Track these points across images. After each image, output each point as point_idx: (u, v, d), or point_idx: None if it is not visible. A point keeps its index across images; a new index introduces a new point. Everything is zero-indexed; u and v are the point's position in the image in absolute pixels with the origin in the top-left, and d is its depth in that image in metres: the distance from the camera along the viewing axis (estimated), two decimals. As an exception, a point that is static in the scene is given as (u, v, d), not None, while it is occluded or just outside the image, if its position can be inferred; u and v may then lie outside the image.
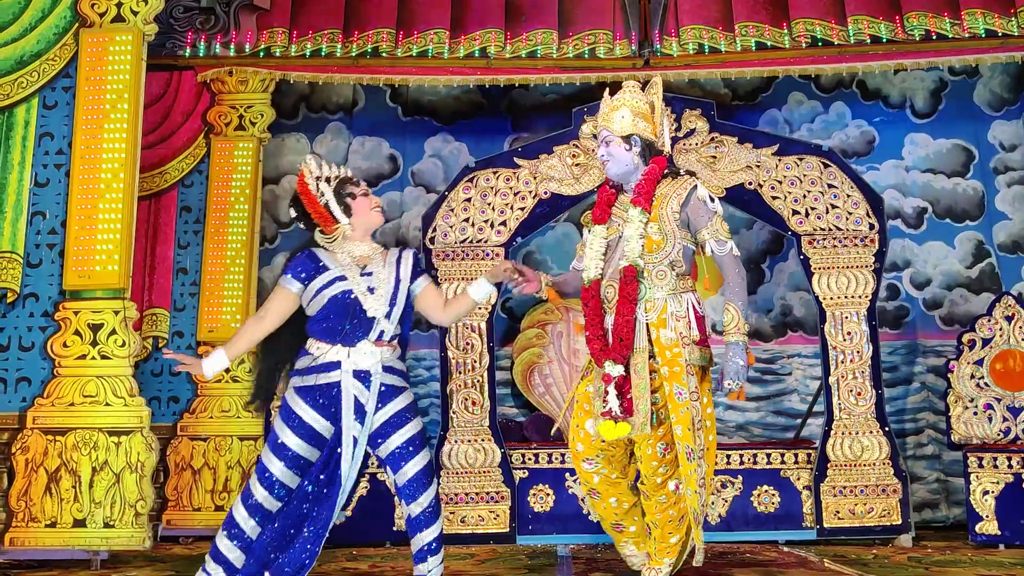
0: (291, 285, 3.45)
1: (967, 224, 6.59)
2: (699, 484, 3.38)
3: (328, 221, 3.50)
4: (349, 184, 3.56)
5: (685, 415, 3.39)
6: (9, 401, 4.76)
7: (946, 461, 6.19)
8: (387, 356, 3.43)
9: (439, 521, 3.43)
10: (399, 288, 3.48)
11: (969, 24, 5.70)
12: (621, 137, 3.62)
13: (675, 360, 3.44)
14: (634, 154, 3.63)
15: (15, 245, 4.91)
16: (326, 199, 3.50)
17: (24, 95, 5.04)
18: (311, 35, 5.98)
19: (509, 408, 6.47)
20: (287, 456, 3.34)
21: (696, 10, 5.97)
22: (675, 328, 3.47)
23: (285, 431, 3.36)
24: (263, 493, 3.33)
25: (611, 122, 3.65)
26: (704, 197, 3.58)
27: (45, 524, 4.59)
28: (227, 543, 3.33)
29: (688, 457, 3.37)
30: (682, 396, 3.41)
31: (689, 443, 3.38)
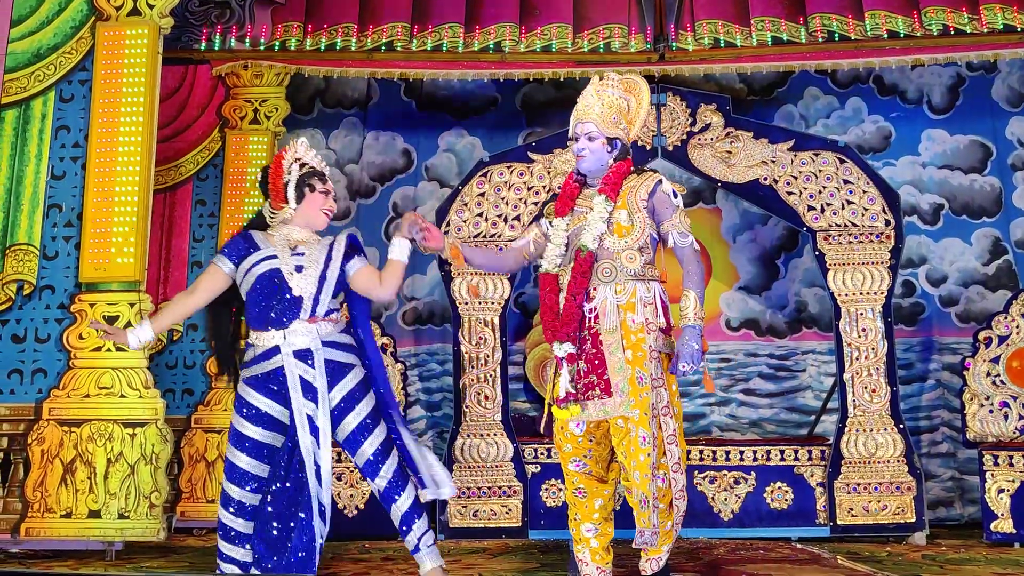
0: (222, 264, 3.52)
1: (984, 221, 6.54)
2: (651, 468, 3.38)
3: (279, 197, 3.54)
4: (315, 178, 3.58)
5: (643, 400, 3.41)
6: (25, 392, 4.79)
7: (961, 459, 6.15)
8: (326, 331, 3.45)
9: (408, 488, 3.46)
10: (329, 267, 3.49)
11: (987, 19, 5.65)
12: (607, 138, 3.64)
13: (639, 345, 3.47)
14: (612, 156, 3.67)
15: (31, 237, 4.94)
16: (288, 178, 3.54)
17: (41, 88, 5.06)
18: (326, 29, 5.98)
19: (522, 403, 6.47)
20: (247, 447, 3.39)
21: (712, 4, 5.94)
22: (643, 313, 3.49)
23: (241, 422, 3.41)
24: (237, 490, 3.40)
25: (602, 120, 3.65)
26: (668, 191, 3.63)
27: (60, 515, 4.62)
28: (227, 545, 3.42)
29: (642, 442, 3.39)
30: (642, 381, 3.43)
31: (644, 427, 3.40)
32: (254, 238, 3.54)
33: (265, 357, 3.41)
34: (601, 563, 3.60)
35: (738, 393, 6.48)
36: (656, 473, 3.42)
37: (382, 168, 6.84)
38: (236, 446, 3.40)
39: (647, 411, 3.41)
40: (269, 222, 3.58)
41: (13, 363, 4.83)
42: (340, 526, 5.37)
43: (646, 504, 3.39)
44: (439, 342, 6.50)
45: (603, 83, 3.69)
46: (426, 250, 3.66)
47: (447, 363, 6.23)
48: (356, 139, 6.87)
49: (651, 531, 3.40)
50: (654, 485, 3.40)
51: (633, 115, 3.73)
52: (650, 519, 3.39)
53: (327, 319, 3.46)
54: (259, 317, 3.44)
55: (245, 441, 3.40)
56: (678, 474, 3.49)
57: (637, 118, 3.74)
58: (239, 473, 3.39)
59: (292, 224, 3.55)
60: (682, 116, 5.73)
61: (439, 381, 6.50)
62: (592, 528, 3.59)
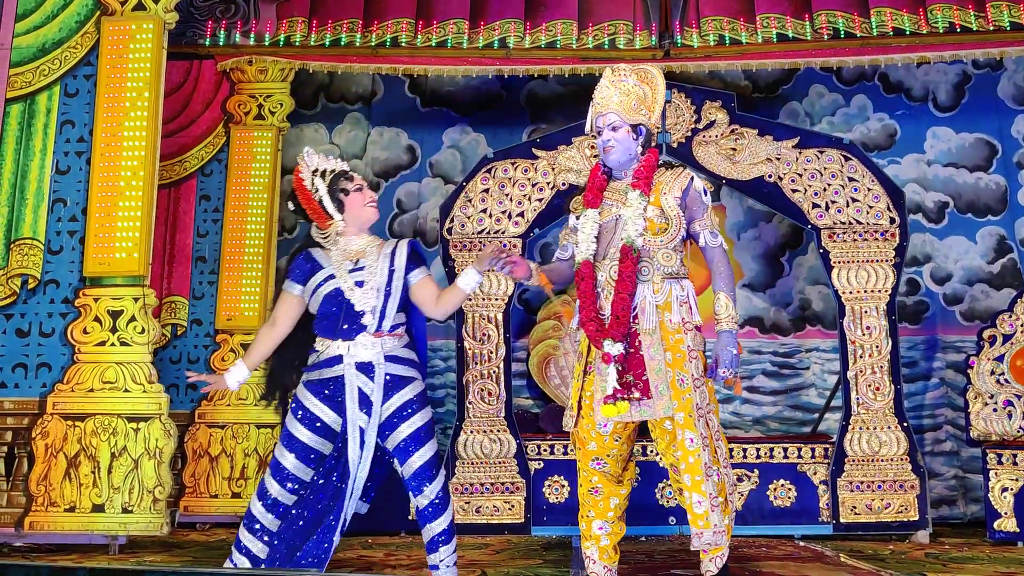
0: (292, 288, 3.52)
1: (989, 219, 6.53)
2: (703, 469, 3.36)
3: (322, 217, 3.51)
4: (343, 179, 3.53)
5: (687, 402, 3.38)
6: (30, 387, 4.80)
7: (964, 457, 6.14)
8: (390, 346, 3.45)
9: (448, 511, 3.45)
10: (392, 279, 3.48)
11: (994, 16, 5.63)
12: (631, 125, 3.59)
13: (677, 346, 3.44)
14: (639, 144, 3.61)
15: (36, 232, 4.95)
16: (320, 195, 3.49)
17: (46, 83, 5.07)
18: (330, 24, 5.98)
19: (525, 399, 6.47)
20: (297, 448, 3.38)
21: (717, 1, 5.93)
22: (679, 312, 3.47)
23: (295, 424, 3.41)
24: (276, 487, 3.38)
25: (623, 108, 3.57)
26: (700, 189, 3.59)
27: (64, 509, 4.63)
28: (248, 536, 3.37)
29: (690, 443, 3.36)
30: (684, 383, 3.41)
31: (690, 429, 3.37)
32: (315, 257, 3.52)
33: (328, 364, 3.41)
34: (608, 562, 3.59)
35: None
36: (710, 471, 3.39)
37: (386, 164, 6.84)
38: (286, 446, 3.40)
39: (692, 412, 3.37)
40: (323, 242, 3.54)
41: (18, 357, 4.84)
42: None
43: (701, 505, 3.36)
44: (443, 338, 6.50)
45: (616, 74, 3.62)
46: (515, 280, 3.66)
47: (450, 359, 6.22)
48: (360, 135, 6.87)
49: (712, 531, 3.36)
50: (709, 485, 3.36)
51: (651, 103, 3.65)
52: (709, 520, 3.35)
53: (392, 334, 3.46)
54: (327, 328, 3.45)
55: (295, 442, 3.39)
56: (727, 469, 3.47)
57: (656, 105, 3.67)
58: (284, 472, 3.38)
59: (346, 234, 3.53)
60: (687, 113, 5.72)
61: (443, 377, 6.50)
62: (604, 526, 3.57)
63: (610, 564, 3.59)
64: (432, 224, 6.58)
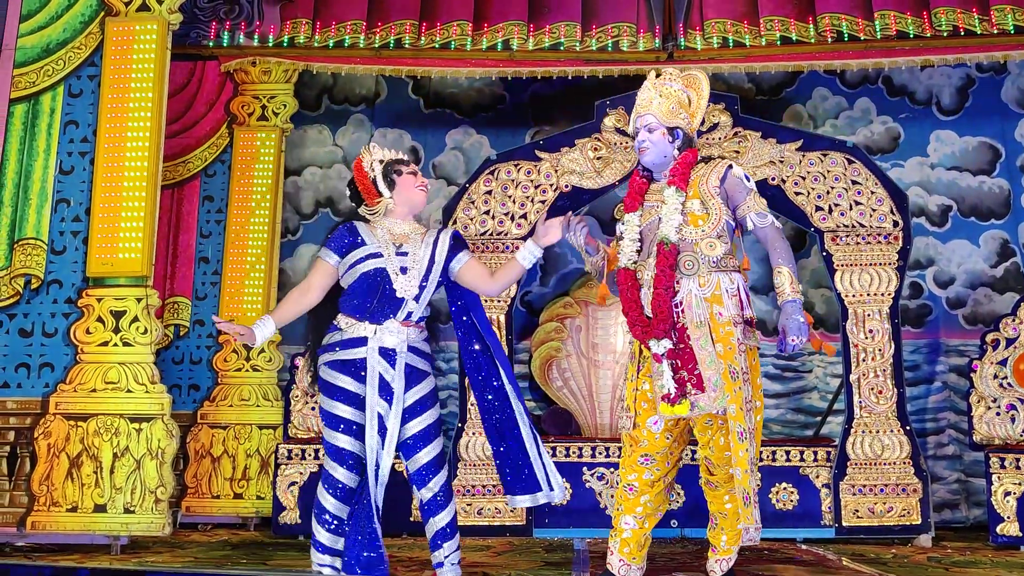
0: (329, 257, 3.49)
1: (992, 223, 6.52)
2: (750, 464, 3.35)
3: (372, 194, 3.54)
4: (399, 164, 3.61)
5: (738, 395, 3.36)
6: (32, 386, 4.81)
7: (967, 461, 6.14)
8: (413, 336, 3.47)
9: (451, 505, 3.47)
10: (432, 269, 3.50)
11: (998, 20, 5.63)
12: (667, 128, 3.60)
13: (727, 338, 3.42)
14: (675, 146, 3.62)
15: (40, 232, 4.96)
16: (375, 174, 3.55)
17: (50, 83, 5.08)
18: (334, 26, 5.99)
19: (527, 402, 6.46)
20: (343, 426, 3.37)
21: (721, 4, 5.93)
22: (729, 305, 3.46)
23: (333, 404, 3.40)
24: (341, 470, 3.37)
25: (661, 111, 3.61)
26: (740, 174, 3.57)
27: (66, 509, 4.63)
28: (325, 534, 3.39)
29: (740, 437, 3.35)
30: (735, 375, 3.38)
31: (741, 423, 3.35)
32: (359, 230, 3.52)
33: (352, 344, 3.41)
34: (627, 557, 3.57)
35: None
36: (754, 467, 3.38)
37: (389, 165, 6.84)
38: (333, 427, 3.38)
39: (743, 405, 3.36)
40: (371, 218, 3.56)
41: (20, 357, 4.85)
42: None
43: (748, 501, 3.34)
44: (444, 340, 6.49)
45: (661, 78, 3.66)
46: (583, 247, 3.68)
47: (453, 361, 6.22)
48: (364, 136, 6.87)
49: (755, 527, 3.35)
50: (755, 480, 3.36)
51: (695, 108, 3.68)
52: (752, 515, 3.34)
53: (417, 324, 3.49)
54: (356, 307, 3.44)
55: (341, 421, 3.38)
56: (756, 470, 3.46)
57: (699, 110, 3.69)
58: (342, 453, 3.36)
59: (394, 215, 3.56)
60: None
61: (446, 379, 6.49)
62: (630, 522, 3.56)
63: (629, 560, 3.57)
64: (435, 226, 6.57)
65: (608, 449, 5.47)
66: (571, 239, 3.64)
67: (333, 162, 6.84)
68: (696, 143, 3.73)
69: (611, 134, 5.69)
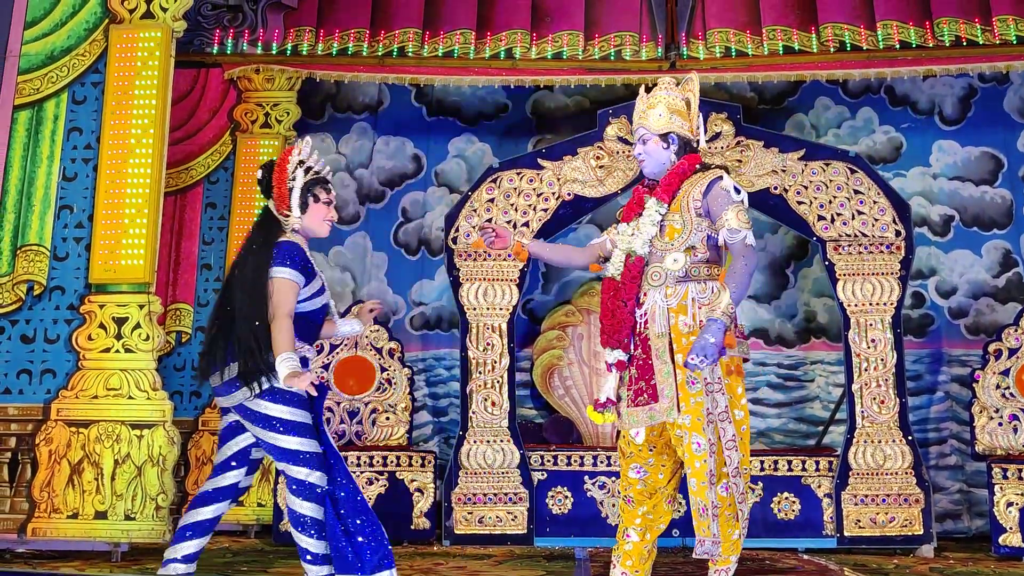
0: (298, 279, 3.39)
1: (994, 233, 6.51)
2: (708, 476, 3.33)
3: (283, 204, 3.49)
4: (320, 186, 3.53)
5: (695, 406, 3.36)
6: (34, 392, 4.80)
7: (969, 472, 6.12)
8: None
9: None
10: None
11: (1000, 31, 5.64)
12: (658, 135, 3.60)
13: (689, 349, 3.41)
14: (671, 152, 3.61)
15: (42, 238, 4.96)
16: (293, 185, 3.48)
17: (54, 90, 5.09)
18: (338, 34, 6.01)
19: (528, 409, 6.46)
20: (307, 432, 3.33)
21: (723, 13, 5.95)
22: (694, 315, 3.45)
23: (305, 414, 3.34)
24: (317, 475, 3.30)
25: (648, 120, 3.60)
26: (727, 187, 3.51)
27: (67, 515, 4.62)
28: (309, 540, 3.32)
29: (696, 448, 3.35)
30: (694, 386, 3.38)
31: (697, 433, 3.34)
32: (311, 261, 3.47)
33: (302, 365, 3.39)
34: (630, 570, 3.55)
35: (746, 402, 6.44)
36: (717, 481, 3.36)
37: (392, 173, 6.85)
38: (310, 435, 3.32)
39: (700, 416, 3.34)
40: (283, 224, 3.52)
41: (22, 363, 4.85)
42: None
43: (705, 513, 3.33)
44: (447, 347, 6.50)
45: (656, 88, 3.66)
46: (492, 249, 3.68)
47: (454, 368, 6.22)
48: (366, 144, 6.88)
49: (711, 540, 3.34)
50: (713, 493, 3.34)
51: (693, 113, 3.67)
52: (709, 528, 3.33)
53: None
54: (308, 334, 3.48)
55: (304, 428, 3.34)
56: (738, 478, 3.41)
57: (697, 116, 3.68)
58: (318, 457, 3.33)
59: (300, 235, 3.52)
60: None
61: (446, 387, 6.50)
62: (632, 534, 3.55)
63: (632, 573, 3.55)
64: (437, 233, 6.58)
65: (610, 458, 5.46)
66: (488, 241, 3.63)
67: (336, 170, 6.83)
68: (698, 147, 3.70)
69: (613, 143, 5.70)
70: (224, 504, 3.44)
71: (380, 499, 5.41)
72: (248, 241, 3.53)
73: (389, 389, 5.71)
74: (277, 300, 3.34)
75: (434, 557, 4.90)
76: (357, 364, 5.74)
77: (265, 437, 3.34)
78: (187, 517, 3.43)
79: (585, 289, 6.55)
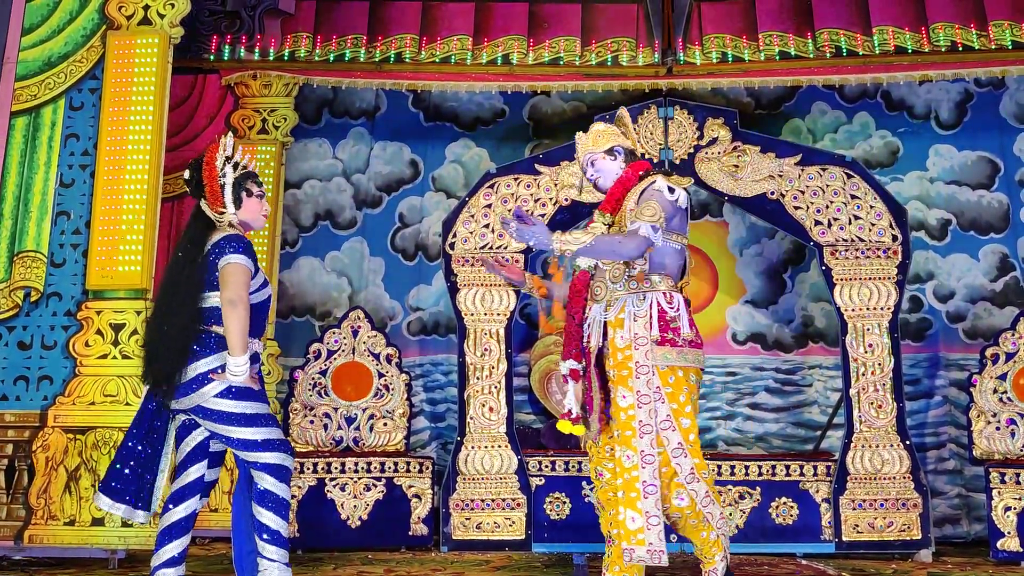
0: (250, 265, 3.43)
1: (992, 237, 6.52)
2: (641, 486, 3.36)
3: (217, 202, 3.51)
4: (251, 180, 3.59)
5: (625, 420, 3.41)
6: (31, 399, 4.80)
7: (967, 476, 6.12)
8: None
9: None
10: None
11: (996, 35, 5.66)
12: (604, 152, 3.67)
13: (624, 363, 3.46)
14: (620, 162, 3.68)
15: (39, 244, 4.96)
16: (224, 181, 3.51)
17: (51, 96, 5.09)
18: (335, 40, 6.02)
19: (526, 415, 6.46)
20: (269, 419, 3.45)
21: (720, 19, 5.96)
22: (631, 328, 3.46)
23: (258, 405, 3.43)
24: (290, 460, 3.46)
25: (589, 145, 3.72)
26: (660, 187, 3.52)
27: (64, 522, 4.62)
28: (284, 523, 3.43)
29: (626, 461, 3.39)
30: (625, 400, 3.43)
31: (627, 446, 3.39)
32: (254, 251, 3.56)
33: (252, 360, 3.47)
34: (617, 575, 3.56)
35: (744, 407, 6.46)
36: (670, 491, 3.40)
37: (389, 178, 6.85)
38: (267, 423, 3.43)
39: (629, 429, 3.40)
40: (217, 223, 3.54)
41: (19, 370, 4.84)
42: (344, 536, 5.36)
43: (635, 522, 3.37)
44: (444, 352, 6.50)
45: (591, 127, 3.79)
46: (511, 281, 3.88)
47: (452, 374, 6.22)
48: (363, 149, 6.88)
49: (646, 548, 3.35)
50: (648, 503, 3.36)
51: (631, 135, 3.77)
52: (646, 537, 3.35)
53: None
54: (257, 327, 3.52)
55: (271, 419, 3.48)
56: (696, 483, 3.44)
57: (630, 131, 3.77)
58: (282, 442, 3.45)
59: (236, 229, 3.56)
60: (689, 130, 5.74)
61: (444, 392, 6.49)
62: (612, 540, 3.57)
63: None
64: (434, 239, 6.58)
65: (607, 463, 5.45)
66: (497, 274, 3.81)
67: (333, 175, 6.84)
68: (641, 158, 3.80)
69: (611, 148, 5.70)
70: (195, 500, 3.50)
71: (378, 505, 5.40)
72: (180, 242, 3.58)
73: (387, 395, 5.70)
74: (235, 284, 3.37)
75: (432, 563, 4.89)
76: (354, 370, 5.73)
77: (229, 433, 3.40)
78: (162, 522, 3.48)
79: (583, 294, 6.55)
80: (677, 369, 3.49)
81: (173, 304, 3.43)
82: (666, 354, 3.48)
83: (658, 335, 3.47)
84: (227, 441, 3.44)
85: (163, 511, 3.50)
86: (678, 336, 3.49)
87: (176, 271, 3.49)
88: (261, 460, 3.40)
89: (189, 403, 3.40)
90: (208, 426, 3.44)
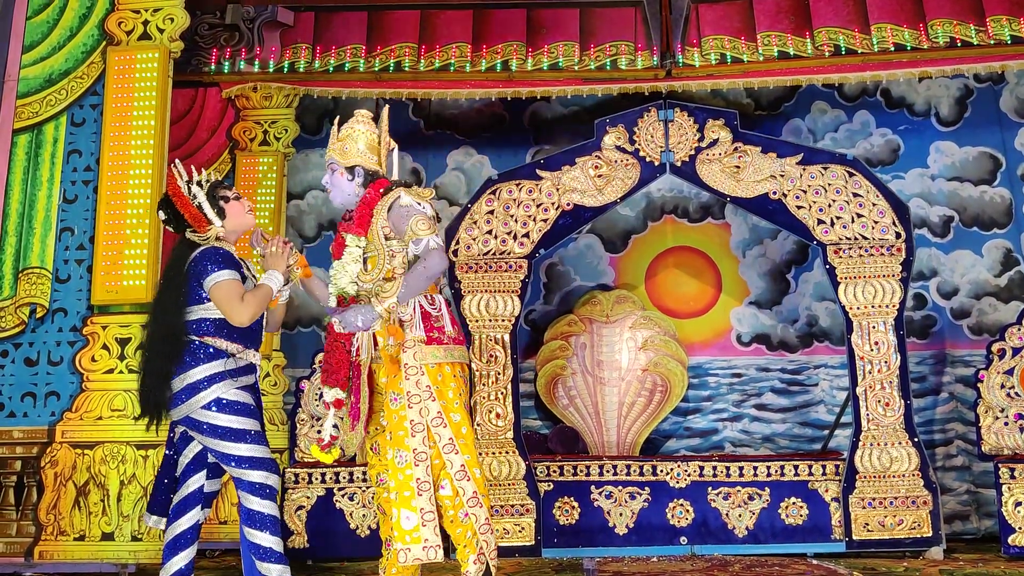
0: (234, 276, 3.49)
1: (995, 232, 6.52)
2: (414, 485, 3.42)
3: (202, 223, 3.57)
4: (221, 188, 3.65)
5: (397, 421, 3.48)
6: (39, 415, 4.81)
7: (976, 472, 6.10)
8: None
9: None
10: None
11: (994, 31, 5.65)
12: (345, 168, 3.72)
13: (395, 366, 3.53)
14: (356, 184, 3.73)
15: (44, 261, 4.97)
16: (199, 201, 3.58)
17: (53, 113, 5.12)
18: (334, 50, 6.03)
19: (533, 420, 6.46)
20: (264, 440, 3.50)
21: (718, 20, 5.96)
22: (403, 331, 3.55)
23: (248, 421, 3.45)
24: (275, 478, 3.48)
25: (336, 152, 3.75)
26: (406, 203, 3.64)
27: (74, 537, 4.62)
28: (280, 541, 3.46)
29: (399, 462, 3.45)
30: (397, 401, 3.50)
31: (401, 447, 3.45)
32: (236, 258, 3.59)
33: (245, 372, 3.52)
34: None
35: (751, 408, 6.45)
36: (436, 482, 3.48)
37: (391, 187, 6.85)
38: (255, 441, 3.46)
39: (402, 429, 3.46)
40: (203, 243, 3.58)
41: (26, 386, 4.86)
42: (354, 545, 5.35)
43: (410, 520, 3.42)
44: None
45: (351, 120, 3.80)
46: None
47: (458, 381, 6.21)
48: (364, 159, 6.87)
49: (421, 546, 3.41)
50: (422, 500, 3.42)
51: (383, 146, 3.82)
52: (421, 535, 3.40)
53: None
54: (248, 337, 3.56)
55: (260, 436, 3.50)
56: (464, 481, 3.51)
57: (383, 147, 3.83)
58: (268, 461, 3.49)
59: (226, 242, 3.62)
60: (690, 132, 5.74)
61: (450, 399, 6.48)
62: (388, 543, 3.63)
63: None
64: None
65: (616, 467, 5.46)
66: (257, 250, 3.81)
67: (201, 173, 6.87)
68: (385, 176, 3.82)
69: (611, 152, 5.71)
70: (197, 511, 3.54)
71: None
72: (165, 269, 3.66)
73: (393, 403, 5.69)
74: (230, 304, 3.42)
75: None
76: (361, 379, 5.72)
77: (216, 446, 3.44)
78: (168, 534, 3.52)
79: (587, 299, 6.56)
80: (444, 366, 3.59)
81: (160, 327, 3.50)
82: (434, 352, 3.58)
83: (424, 335, 3.57)
84: (214, 454, 3.48)
85: (167, 524, 3.52)
86: (443, 335, 3.62)
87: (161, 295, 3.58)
88: (245, 478, 3.44)
89: (179, 414, 3.45)
90: (197, 438, 3.49)
